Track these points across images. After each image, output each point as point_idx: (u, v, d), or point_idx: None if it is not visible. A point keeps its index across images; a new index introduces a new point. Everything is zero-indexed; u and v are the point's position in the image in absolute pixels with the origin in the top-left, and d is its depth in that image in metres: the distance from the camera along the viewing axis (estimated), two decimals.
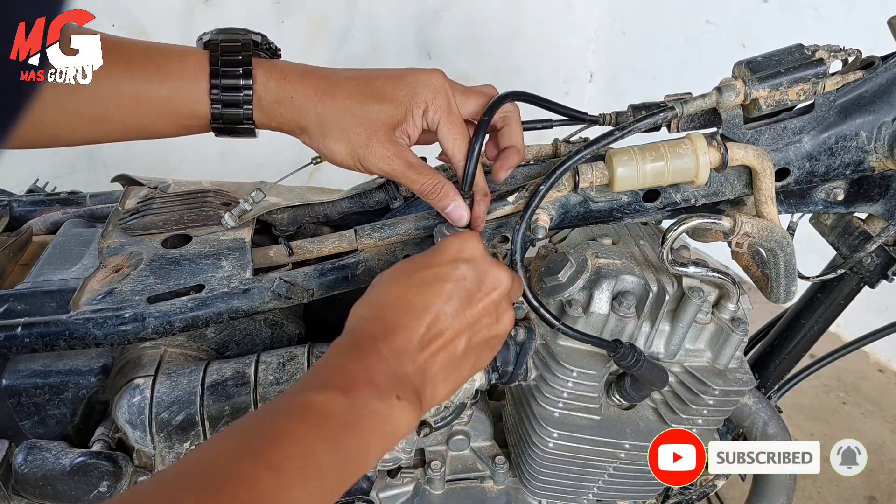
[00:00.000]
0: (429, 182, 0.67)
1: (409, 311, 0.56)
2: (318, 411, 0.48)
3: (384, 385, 0.51)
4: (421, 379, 0.55)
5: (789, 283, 0.75)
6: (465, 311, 0.58)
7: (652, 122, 0.67)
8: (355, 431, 0.48)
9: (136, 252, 0.75)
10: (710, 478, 1.09)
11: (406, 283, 0.58)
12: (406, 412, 0.52)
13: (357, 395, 0.49)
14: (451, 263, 0.59)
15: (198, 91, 0.63)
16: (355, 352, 0.53)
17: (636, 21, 2.76)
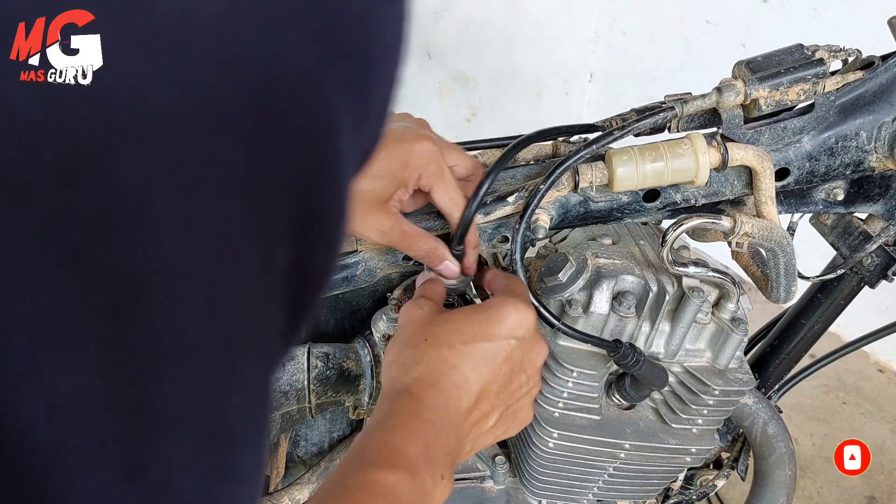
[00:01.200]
0: (422, 248, 0.67)
1: (461, 386, 0.56)
2: (389, 492, 0.49)
3: (438, 464, 0.52)
4: (458, 452, 0.56)
5: (789, 283, 0.75)
6: (507, 388, 0.59)
7: (652, 122, 0.67)
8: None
9: None
10: (710, 478, 1.09)
11: (462, 353, 0.58)
12: (445, 490, 0.52)
13: (418, 476, 0.50)
14: (507, 339, 0.59)
15: None
16: (414, 424, 0.53)
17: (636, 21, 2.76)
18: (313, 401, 0.75)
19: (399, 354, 0.59)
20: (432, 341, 0.59)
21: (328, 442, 0.92)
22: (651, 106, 0.73)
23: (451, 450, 0.54)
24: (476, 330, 0.59)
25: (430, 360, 0.57)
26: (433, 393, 0.56)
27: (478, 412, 0.57)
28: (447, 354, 0.58)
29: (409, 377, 0.57)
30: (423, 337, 0.59)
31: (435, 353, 0.58)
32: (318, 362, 0.76)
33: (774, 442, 0.98)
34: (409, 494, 0.49)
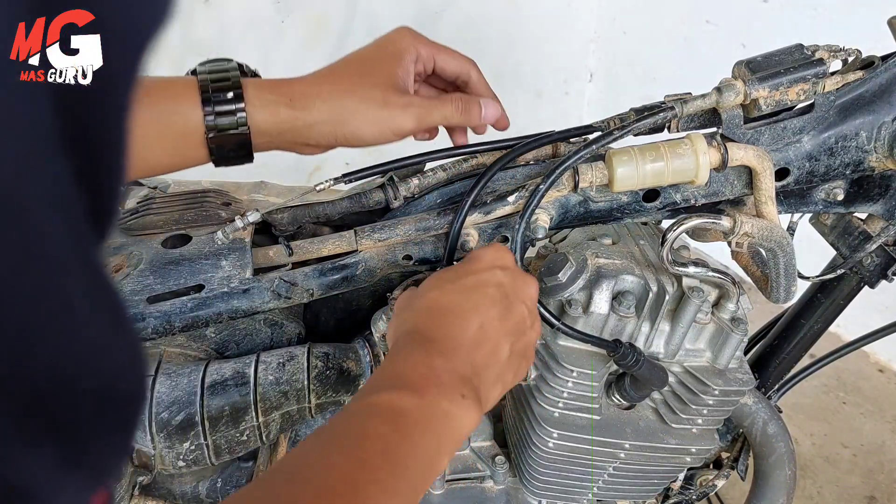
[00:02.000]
0: (456, 101, 0.68)
1: (459, 315, 0.57)
2: (392, 410, 0.48)
3: (449, 384, 0.52)
4: (477, 379, 0.55)
5: (789, 283, 0.75)
6: (507, 316, 0.59)
7: (652, 122, 0.67)
8: (428, 429, 0.49)
9: (136, 252, 0.75)
10: (710, 478, 1.09)
11: (451, 290, 0.59)
12: (471, 410, 0.52)
13: (426, 395, 0.50)
14: (490, 270, 0.60)
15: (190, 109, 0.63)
16: (417, 354, 0.54)
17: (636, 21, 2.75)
18: (313, 401, 0.75)
19: (396, 319, 0.61)
20: (423, 294, 0.60)
21: None
22: (651, 106, 0.73)
23: (466, 375, 0.54)
24: (458, 271, 0.61)
25: (424, 307, 0.58)
26: (430, 328, 0.56)
27: (488, 343, 0.57)
28: (435, 294, 0.59)
29: (408, 321, 0.58)
30: (415, 296, 0.61)
31: (427, 299, 0.59)
32: (318, 362, 0.76)
33: (774, 442, 0.98)
34: (418, 411, 0.49)
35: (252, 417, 0.72)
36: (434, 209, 0.76)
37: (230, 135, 0.64)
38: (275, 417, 0.74)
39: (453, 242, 0.71)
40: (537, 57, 2.89)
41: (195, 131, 0.63)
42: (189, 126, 0.63)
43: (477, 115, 0.68)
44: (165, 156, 0.64)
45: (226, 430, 0.72)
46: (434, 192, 0.75)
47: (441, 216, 0.73)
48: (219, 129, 0.63)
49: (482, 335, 0.57)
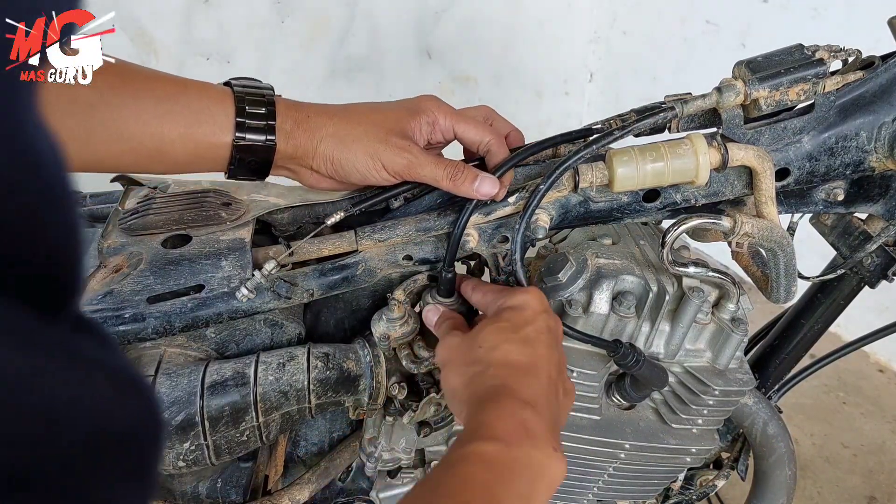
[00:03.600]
0: (449, 167, 0.69)
1: (536, 369, 0.59)
2: (488, 458, 0.50)
3: (541, 437, 0.53)
4: (557, 429, 0.57)
5: (789, 283, 0.75)
6: (559, 361, 0.62)
7: (652, 122, 0.67)
8: (523, 478, 0.51)
9: (136, 252, 0.75)
10: (710, 478, 1.09)
11: (519, 340, 0.61)
12: (562, 462, 0.54)
13: (516, 446, 0.51)
14: (540, 316, 0.63)
15: (222, 113, 0.64)
16: (507, 407, 0.55)
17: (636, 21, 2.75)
18: (313, 401, 0.75)
19: (462, 375, 0.61)
20: (488, 347, 0.61)
21: (328, 442, 0.92)
22: (651, 106, 0.73)
23: (552, 425, 0.56)
24: (514, 320, 0.62)
25: (498, 359, 0.59)
26: (517, 383, 0.57)
27: (554, 391, 0.59)
28: (508, 347, 0.60)
29: (487, 377, 0.58)
30: (477, 348, 0.61)
31: (498, 352, 0.60)
32: (318, 362, 0.75)
33: (774, 442, 0.98)
34: (509, 462, 0.50)
35: (252, 417, 0.72)
36: (434, 209, 0.76)
37: (257, 146, 0.66)
38: (275, 417, 0.74)
39: (455, 244, 0.71)
40: (537, 57, 2.89)
41: (222, 138, 0.65)
42: (217, 131, 0.64)
43: (468, 187, 0.69)
44: (185, 155, 0.65)
45: (226, 430, 0.71)
46: (434, 192, 0.75)
47: (441, 216, 0.73)
48: (247, 139, 0.65)
49: (551, 385, 0.59)
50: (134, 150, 0.62)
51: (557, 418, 0.58)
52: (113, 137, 0.61)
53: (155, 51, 2.22)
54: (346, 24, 2.44)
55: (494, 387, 0.57)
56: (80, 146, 0.60)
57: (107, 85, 0.59)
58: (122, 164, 0.66)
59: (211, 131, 0.64)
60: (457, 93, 2.81)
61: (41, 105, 0.24)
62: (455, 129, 0.72)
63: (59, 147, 0.26)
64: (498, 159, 0.72)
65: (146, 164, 0.66)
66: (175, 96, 0.63)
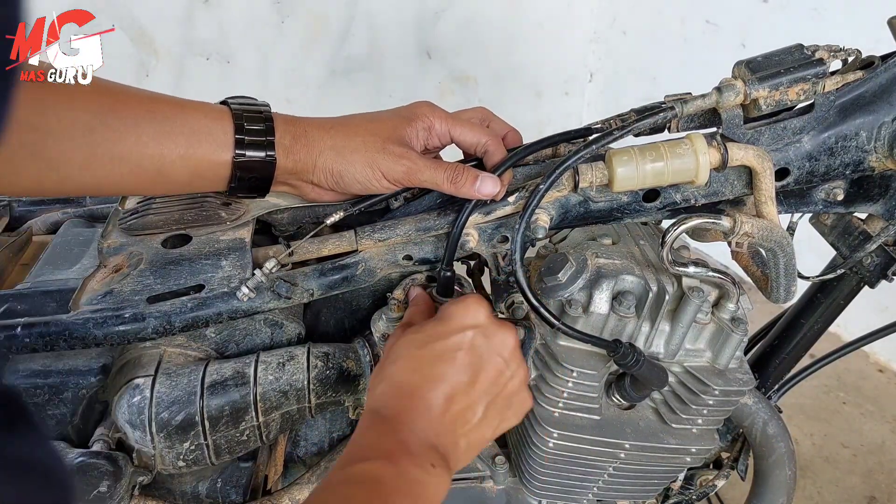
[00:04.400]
0: (448, 170, 0.69)
1: (425, 385, 0.59)
2: (369, 478, 0.51)
3: (419, 454, 0.54)
4: (445, 447, 0.58)
5: (789, 283, 0.75)
6: (478, 378, 0.61)
7: (652, 122, 0.67)
8: (405, 495, 0.52)
9: (136, 252, 0.75)
10: (710, 478, 1.09)
11: (419, 357, 0.61)
12: (441, 478, 0.55)
13: (399, 463, 0.53)
14: (462, 332, 0.62)
15: (221, 132, 0.65)
16: (387, 427, 0.56)
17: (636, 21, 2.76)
18: (313, 401, 0.75)
19: (371, 381, 0.63)
20: (392, 359, 0.62)
21: (328, 442, 0.92)
22: (651, 106, 0.73)
23: (436, 445, 0.56)
24: (429, 333, 0.62)
25: (390, 376, 0.61)
26: (397, 399, 0.59)
27: (457, 406, 0.59)
28: (404, 363, 0.61)
29: (375, 397, 0.60)
30: (386, 357, 0.63)
31: (394, 367, 0.61)
32: (318, 362, 0.76)
33: (774, 442, 0.97)
34: (394, 479, 0.51)
35: (252, 417, 0.72)
36: (434, 209, 0.76)
37: (257, 163, 0.66)
38: (275, 417, 0.74)
39: (454, 243, 0.71)
40: (537, 57, 2.89)
41: (222, 156, 0.65)
42: (217, 150, 0.65)
43: (468, 188, 0.69)
44: (185, 175, 0.65)
45: (226, 430, 0.71)
46: (434, 191, 0.75)
47: (441, 216, 0.73)
48: (247, 156, 0.65)
49: (449, 404, 0.59)
50: (134, 172, 0.63)
51: (451, 436, 0.58)
52: (113, 161, 0.61)
53: (155, 51, 2.22)
54: (346, 24, 2.44)
55: (376, 409, 0.59)
56: (80, 170, 0.60)
57: (105, 108, 0.60)
58: (122, 186, 0.66)
59: (211, 150, 0.64)
60: (457, 93, 2.81)
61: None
62: (451, 132, 0.73)
63: None
64: (495, 160, 0.72)
65: (146, 186, 0.66)
66: (173, 117, 0.63)
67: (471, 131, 0.73)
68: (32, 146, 0.55)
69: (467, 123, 0.73)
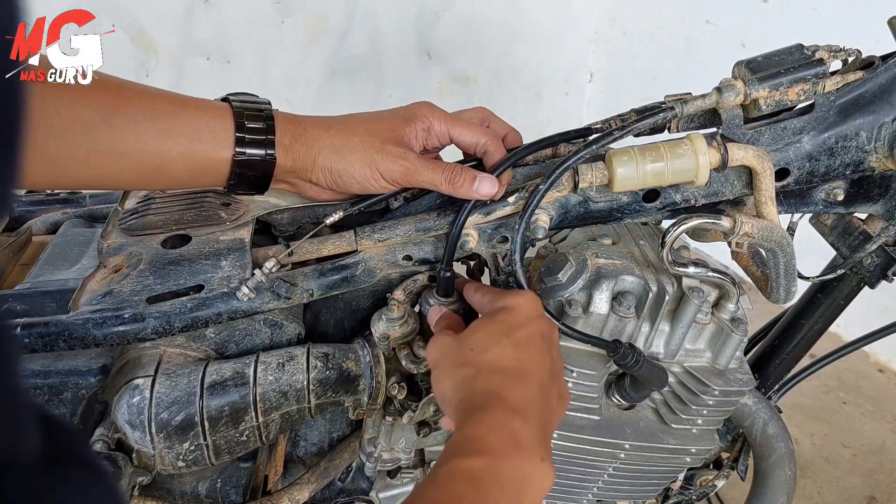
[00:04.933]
0: (446, 171, 0.69)
1: (526, 375, 0.58)
2: (475, 475, 0.50)
3: (529, 448, 0.53)
4: (547, 437, 0.57)
5: (789, 283, 0.75)
6: (553, 366, 0.61)
7: (652, 122, 0.67)
8: (510, 492, 0.50)
9: (136, 252, 0.75)
10: (710, 478, 1.09)
11: (510, 343, 0.60)
12: (549, 471, 0.53)
13: (509, 459, 0.51)
14: (534, 321, 0.62)
15: (222, 129, 0.65)
16: (496, 417, 0.54)
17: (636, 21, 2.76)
18: (313, 401, 0.75)
19: (452, 377, 0.60)
20: (479, 350, 0.60)
21: (328, 442, 0.92)
22: (651, 106, 0.73)
23: (541, 436, 0.55)
24: (507, 323, 0.61)
25: (489, 361, 0.59)
26: (507, 388, 0.56)
27: (546, 398, 0.59)
28: (500, 353, 0.59)
29: (477, 386, 0.57)
30: (468, 350, 0.60)
31: (488, 355, 0.59)
32: (318, 362, 0.75)
33: (774, 442, 0.98)
34: (496, 477, 0.50)
35: (252, 418, 0.72)
36: (434, 209, 0.76)
37: (257, 161, 0.66)
38: (274, 418, 0.74)
39: (453, 244, 0.71)
40: (537, 57, 2.89)
41: (222, 153, 0.65)
42: (217, 147, 0.65)
43: (466, 189, 0.69)
44: (185, 171, 0.65)
45: (225, 430, 0.71)
46: (434, 191, 0.75)
47: (441, 216, 0.73)
48: (247, 154, 0.65)
49: (542, 391, 0.58)
50: (134, 168, 0.63)
51: (548, 425, 0.57)
52: (114, 156, 0.61)
53: (155, 51, 2.22)
54: (346, 24, 2.44)
55: (484, 393, 0.56)
56: (81, 166, 0.60)
57: (106, 105, 0.60)
58: (122, 181, 0.66)
59: (211, 147, 0.65)
60: (457, 93, 2.81)
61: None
62: (451, 133, 0.73)
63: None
64: (495, 160, 0.72)
65: (146, 182, 0.67)
66: (174, 114, 0.63)
67: (470, 132, 0.73)
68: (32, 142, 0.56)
69: (467, 124, 0.73)
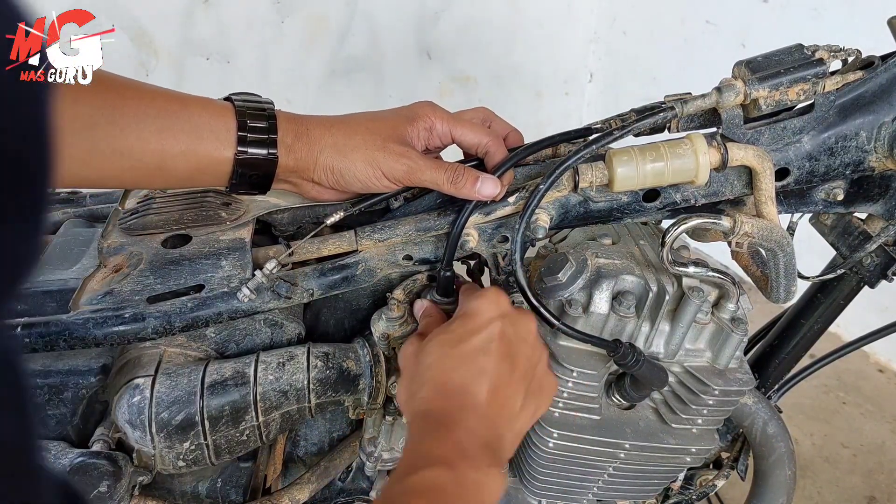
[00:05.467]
0: (449, 171, 0.69)
1: (469, 386, 0.58)
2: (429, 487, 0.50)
3: (475, 456, 0.54)
4: (498, 441, 0.57)
5: (789, 283, 0.75)
6: (515, 365, 0.61)
7: (651, 122, 0.67)
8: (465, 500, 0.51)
9: (136, 252, 0.75)
10: (710, 478, 1.09)
11: (457, 355, 0.60)
12: (497, 477, 0.54)
13: (457, 468, 0.52)
14: (491, 324, 0.61)
15: (224, 128, 0.65)
16: (439, 430, 0.55)
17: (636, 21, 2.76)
18: (313, 401, 0.75)
19: (406, 390, 0.61)
20: (426, 364, 0.61)
21: (328, 442, 0.92)
22: (651, 106, 0.73)
23: (488, 441, 0.55)
24: (459, 332, 0.61)
25: (432, 378, 0.59)
26: (446, 401, 0.57)
27: (501, 398, 0.58)
28: (443, 365, 0.59)
29: (420, 401, 0.58)
30: (418, 363, 0.61)
31: (433, 370, 0.60)
32: (318, 362, 0.75)
33: (774, 442, 0.97)
34: (453, 485, 0.51)
35: (252, 417, 0.72)
36: (434, 209, 0.76)
37: (259, 160, 0.66)
38: (275, 417, 0.74)
39: (453, 244, 0.71)
40: (537, 57, 2.89)
41: (224, 153, 0.65)
42: (219, 146, 0.65)
43: (469, 189, 0.69)
44: (187, 170, 0.65)
45: (226, 429, 0.71)
46: (434, 191, 0.75)
47: (441, 216, 0.73)
48: (249, 153, 0.65)
49: (495, 396, 0.58)
50: (135, 167, 0.63)
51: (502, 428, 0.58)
52: (115, 155, 0.61)
53: (155, 51, 2.22)
54: (345, 24, 2.44)
55: (423, 412, 0.57)
56: (82, 164, 0.60)
57: (108, 103, 0.60)
58: (123, 180, 0.66)
59: (213, 146, 0.64)
60: (457, 93, 2.81)
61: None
62: (452, 132, 0.73)
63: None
64: (496, 160, 0.72)
65: (147, 180, 0.67)
66: (176, 112, 0.63)
67: (472, 132, 0.73)
68: None
69: (468, 124, 0.73)
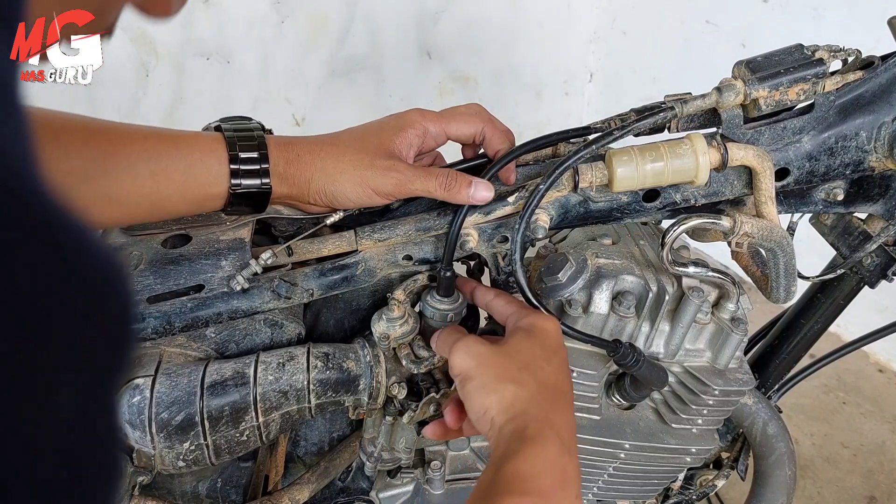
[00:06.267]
0: (441, 177, 0.68)
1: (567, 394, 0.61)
2: None
3: (573, 485, 0.54)
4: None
5: (789, 283, 0.75)
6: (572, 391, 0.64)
7: (651, 122, 0.67)
8: None
9: (136, 252, 0.75)
10: (710, 478, 1.09)
11: (556, 366, 0.61)
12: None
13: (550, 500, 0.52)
14: (564, 347, 0.64)
15: (216, 163, 0.65)
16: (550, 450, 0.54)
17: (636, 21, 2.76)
18: (313, 401, 0.75)
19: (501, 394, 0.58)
20: (534, 367, 0.60)
21: (328, 442, 0.92)
22: (651, 106, 0.73)
23: (578, 469, 0.56)
24: (547, 346, 0.63)
25: (541, 384, 0.59)
26: (558, 408, 0.58)
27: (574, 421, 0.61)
28: (550, 370, 0.60)
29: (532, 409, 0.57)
30: (518, 366, 0.60)
31: (541, 373, 0.60)
32: (318, 362, 0.75)
33: (774, 442, 0.98)
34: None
35: (252, 417, 0.72)
36: (434, 209, 0.76)
37: (252, 192, 0.66)
38: (275, 417, 0.74)
39: (452, 244, 0.71)
40: (537, 57, 2.89)
41: (217, 188, 0.65)
42: (213, 181, 0.65)
43: (463, 195, 0.68)
44: (183, 204, 0.66)
45: (226, 430, 0.71)
46: None
47: (441, 216, 0.73)
48: (243, 185, 0.66)
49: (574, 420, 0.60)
50: (132, 210, 0.64)
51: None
52: (111, 203, 0.62)
53: (155, 51, 2.22)
54: (346, 24, 2.44)
55: (538, 421, 0.55)
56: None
57: (99, 153, 0.60)
58: (119, 222, 0.68)
59: (206, 182, 0.65)
60: (457, 93, 2.81)
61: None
62: (446, 130, 0.73)
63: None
64: (496, 143, 0.72)
65: (144, 218, 0.68)
66: (168, 153, 0.63)
67: (465, 123, 0.72)
68: None
69: (460, 116, 0.73)
